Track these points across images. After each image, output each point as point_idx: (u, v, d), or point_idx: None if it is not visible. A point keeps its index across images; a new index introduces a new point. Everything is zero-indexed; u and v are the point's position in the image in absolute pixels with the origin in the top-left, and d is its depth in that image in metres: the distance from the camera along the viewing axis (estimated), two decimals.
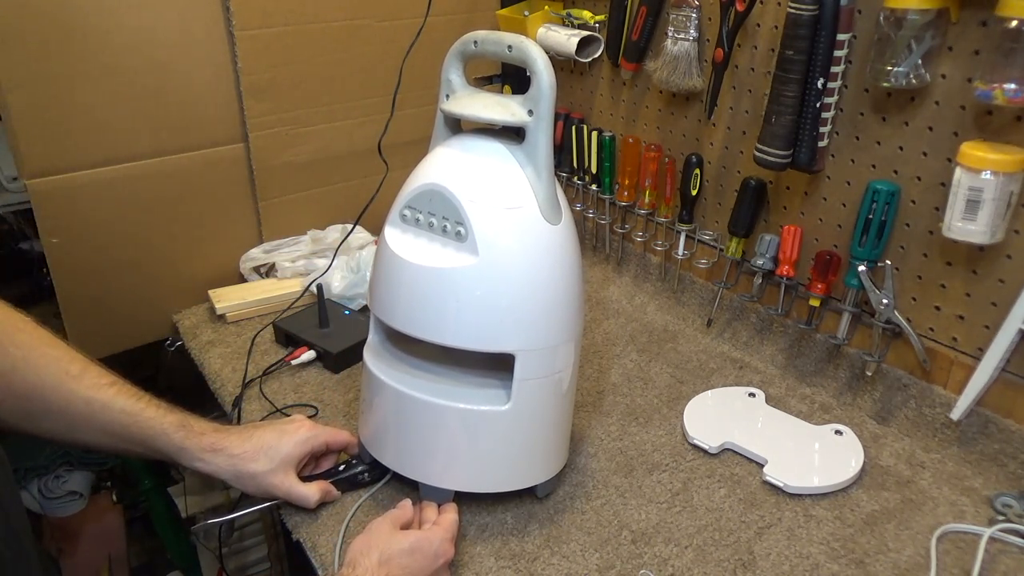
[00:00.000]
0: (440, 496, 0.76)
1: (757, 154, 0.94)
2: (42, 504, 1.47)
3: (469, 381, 0.77)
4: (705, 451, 0.89)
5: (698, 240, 1.15)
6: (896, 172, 0.88)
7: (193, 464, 0.73)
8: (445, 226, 0.70)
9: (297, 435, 0.78)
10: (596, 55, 1.24)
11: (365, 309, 1.12)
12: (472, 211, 0.68)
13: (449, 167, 0.72)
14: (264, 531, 1.49)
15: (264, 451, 0.75)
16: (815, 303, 0.97)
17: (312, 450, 0.79)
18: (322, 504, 0.79)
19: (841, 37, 0.86)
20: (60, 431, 0.70)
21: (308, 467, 0.81)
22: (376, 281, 0.76)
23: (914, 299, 0.90)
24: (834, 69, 0.87)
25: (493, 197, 0.69)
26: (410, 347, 0.80)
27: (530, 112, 0.68)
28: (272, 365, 1.02)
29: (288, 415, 0.93)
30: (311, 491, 0.77)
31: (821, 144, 0.92)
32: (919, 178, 0.86)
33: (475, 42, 0.71)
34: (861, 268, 0.90)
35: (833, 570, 0.73)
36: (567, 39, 1.22)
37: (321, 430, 0.81)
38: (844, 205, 0.95)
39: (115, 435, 0.71)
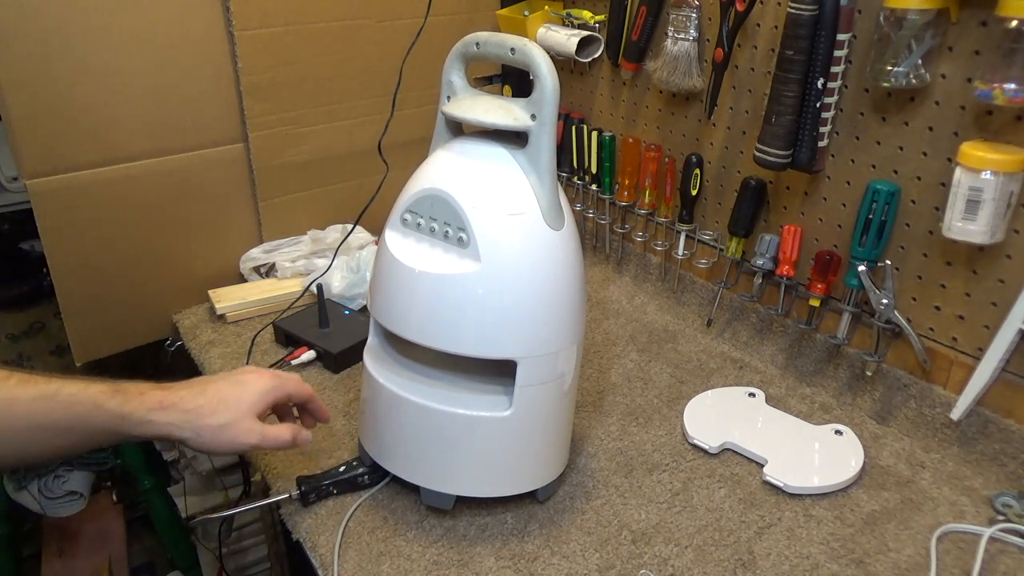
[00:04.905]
0: (440, 500, 0.76)
1: (757, 154, 0.94)
2: (42, 504, 1.47)
3: (470, 386, 0.77)
4: (705, 451, 0.89)
5: (698, 240, 1.15)
6: (896, 172, 0.89)
7: (142, 429, 0.64)
8: (447, 231, 0.70)
9: (257, 385, 0.70)
10: (596, 55, 1.24)
11: (365, 309, 1.12)
12: (474, 217, 0.68)
13: (451, 171, 0.71)
14: (264, 531, 1.49)
15: (223, 403, 0.67)
16: (815, 303, 0.97)
17: (274, 401, 0.72)
18: (322, 504, 0.79)
19: (841, 37, 0.86)
20: None
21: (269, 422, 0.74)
22: (376, 285, 0.76)
23: (914, 299, 0.90)
24: (834, 69, 0.87)
25: (496, 203, 0.69)
26: (410, 350, 0.79)
27: (533, 116, 0.68)
28: (272, 365, 1.02)
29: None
30: (282, 430, 0.71)
31: (821, 144, 0.92)
32: (919, 178, 0.86)
33: (477, 44, 0.71)
34: (861, 268, 0.90)
35: (833, 570, 0.73)
36: (567, 39, 1.22)
37: (283, 379, 0.73)
38: (844, 205, 0.95)
39: (42, 428, 0.61)
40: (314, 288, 1.11)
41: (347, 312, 1.10)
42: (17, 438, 0.60)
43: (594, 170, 1.25)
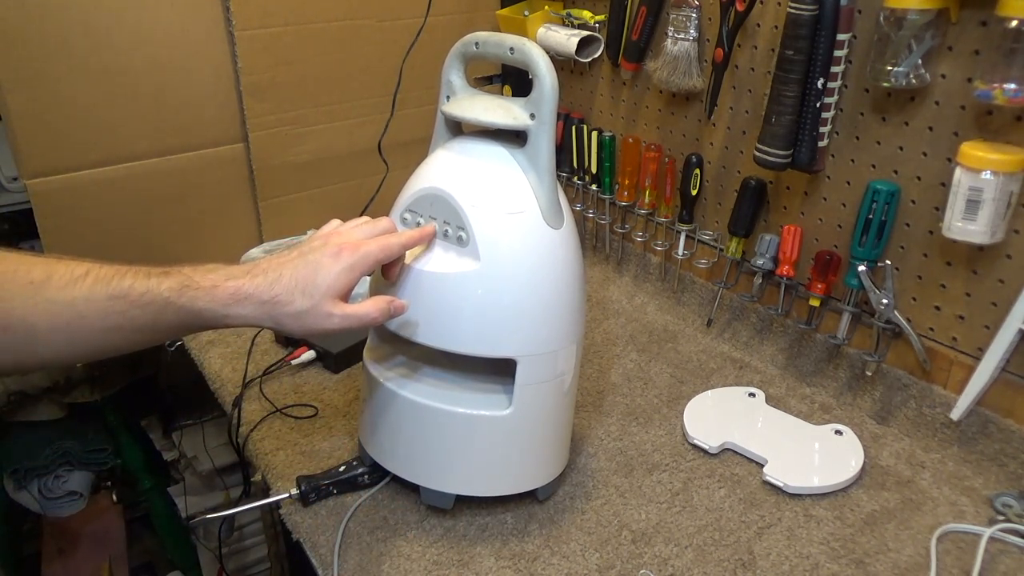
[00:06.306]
0: (440, 499, 0.76)
1: (757, 154, 0.94)
2: (42, 504, 1.47)
3: (470, 385, 0.77)
4: (705, 451, 0.89)
5: (698, 240, 1.15)
6: (896, 172, 0.89)
7: (222, 323, 0.64)
8: (446, 231, 0.70)
9: (333, 268, 0.65)
10: (596, 55, 1.24)
11: None
12: (474, 216, 0.68)
13: (450, 171, 0.71)
14: (264, 531, 1.49)
15: (298, 289, 0.64)
16: (815, 303, 0.97)
17: (359, 276, 0.67)
18: (322, 504, 0.79)
19: (841, 37, 0.86)
20: (61, 351, 0.59)
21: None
22: (376, 285, 0.76)
23: (914, 299, 0.90)
24: (834, 69, 0.87)
25: (495, 202, 0.69)
26: (410, 350, 0.79)
27: (532, 116, 0.68)
28: (272, 365, 1.02)
29: (290, 415, 0.93)
30: (367, 308, 0.66)
31: (821, 144, 0.92)
32: (919, 178, 0.86)
33: (476, 43, 0.71)
34: (861, 268, 0.90)
35: (833, 570, 0.73)
36: (567, 39, 1.22)
37: (361, 255, 0.66)
38: (844, 205, 0.95)
39: (119, 328, 0.60)
40: None
41: None
42: (92, 338, 0.59)
43: (594, 170, 1.25)
